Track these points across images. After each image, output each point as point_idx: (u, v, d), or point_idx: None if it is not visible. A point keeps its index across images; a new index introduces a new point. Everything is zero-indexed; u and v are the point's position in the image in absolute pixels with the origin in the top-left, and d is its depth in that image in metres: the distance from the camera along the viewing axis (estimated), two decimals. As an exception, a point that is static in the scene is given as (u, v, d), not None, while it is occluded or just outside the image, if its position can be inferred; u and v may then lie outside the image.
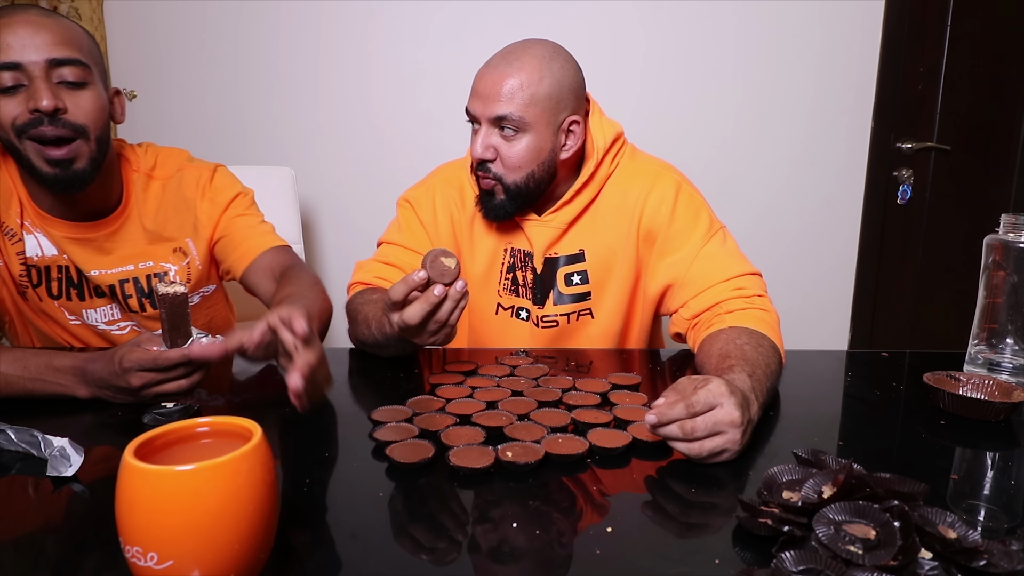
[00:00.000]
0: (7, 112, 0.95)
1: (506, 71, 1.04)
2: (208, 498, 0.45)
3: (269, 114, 2.00)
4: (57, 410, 0.85)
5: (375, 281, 1.15)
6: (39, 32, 0.94)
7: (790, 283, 2.16)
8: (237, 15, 1.93)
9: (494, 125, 1.06)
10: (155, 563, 0.44)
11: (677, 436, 0.70)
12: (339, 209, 2.06)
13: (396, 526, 0.60)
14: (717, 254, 1.11)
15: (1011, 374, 0.94)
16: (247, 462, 0.47)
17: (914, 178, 2.17)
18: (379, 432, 0.76)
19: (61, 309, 1.11)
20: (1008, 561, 0.51)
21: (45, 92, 0.94)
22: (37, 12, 0.96)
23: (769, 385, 0.85)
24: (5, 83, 0.94)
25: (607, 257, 1.16)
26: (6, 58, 0.93)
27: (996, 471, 0.74)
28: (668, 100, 2.04)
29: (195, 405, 0.85)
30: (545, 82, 1.05)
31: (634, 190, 1.14)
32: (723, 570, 0.54)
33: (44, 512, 0.64)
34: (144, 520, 0.45)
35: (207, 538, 0.45)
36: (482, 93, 1.05)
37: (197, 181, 1.17)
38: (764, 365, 0.86)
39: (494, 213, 1.12)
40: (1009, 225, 0.93)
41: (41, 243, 1.07)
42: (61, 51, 0.95)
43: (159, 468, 0.44)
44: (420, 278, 0.83)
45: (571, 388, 0.91)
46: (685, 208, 1.13)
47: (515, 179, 1.08)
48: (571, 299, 1.18)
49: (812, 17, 2.01)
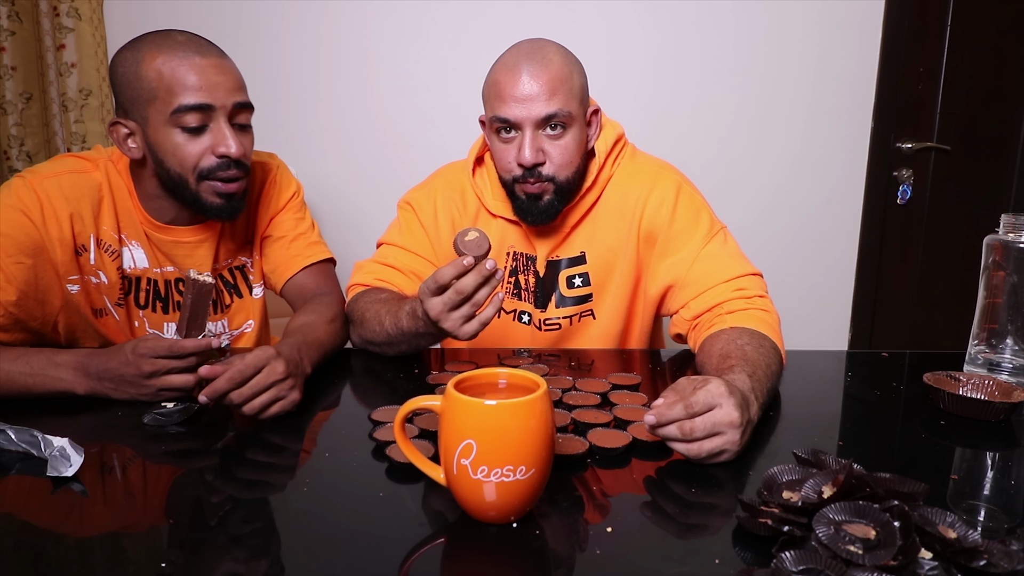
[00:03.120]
0: (192, 153, 0.97)
1: (540, 71, 1.02)
2: (509, 425, 0.57)
3: (269, 115, 1.99)
4: (57, 410, 0.85)
5: (376, 283, 1.15)
6: (225, 74, 0.97)
7: (790, 283, 2.16)
8: (237, 15, 1.93)
9: (540, 127, 1.04)
10: (522, 475, 0.57)
11: (676, 437, 0.70)
12: (339, 209, 2.06)
13: (396, 526, 0.60)
14: (718, 255, 1.11)
15: (1011, 374, 0.94)
16: (540, 403, 0.58)
17: (914, 178, 2.17)
18: (379, 432, 0.76)
19: (144, 319, 1.11)
20: (1008, 561, 0.51)
21: (234, 139, 0.97)
22: (217, 51, 0.99)
23: (769, 386, 0.85)
24: (192, 123, 0.95)
25: (608, 259, 1.15)
26: (200, 99, 0.95)
27: (996, 471, 0.74)
28: (668, 100, 2.04)
29: (194, 405, 0.85)
30: (575, 74, 1.06)
31: (634, 191, 1.14)
32: (723, 570, 0.54)
33: (44, 512, 0.64)
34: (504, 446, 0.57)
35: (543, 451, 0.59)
36: (522, 96, 1.02)
37: (264, 178, 1.19)
38: (765, 366, 0.86)
39: (545, 215, 1.10)
40: (1009, 225, 0.93)
41: (135, 255, 1.08)
42: (242, 95, 1.00)
43: (479, 400, 0.57)
44: (468, 263, 0.85)
45: (571, 388, 0.91)
46: (686, 209, 1.13)
47: (567, 175, 1.08)
48: (573, 301, 1.17)
49: (812, 17, 2.01)
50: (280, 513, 0.63)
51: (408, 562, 0.55)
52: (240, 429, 0.81)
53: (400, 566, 0.54)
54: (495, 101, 1.05)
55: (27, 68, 1.84)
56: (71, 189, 1.00)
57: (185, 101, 0.94)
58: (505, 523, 0.60)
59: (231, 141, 0.97)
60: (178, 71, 0.94)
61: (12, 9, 1.80)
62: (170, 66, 0.94)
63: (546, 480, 0.61)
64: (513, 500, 0.58)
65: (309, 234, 1.22)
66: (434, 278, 0.87)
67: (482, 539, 0.58)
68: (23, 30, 1.82)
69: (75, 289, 1.02)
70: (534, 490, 0.59)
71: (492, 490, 0.57)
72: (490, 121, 1.07)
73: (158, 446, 0.77)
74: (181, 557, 0.55)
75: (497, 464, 0.56)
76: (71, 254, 1.00)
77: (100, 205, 1.04)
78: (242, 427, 0.82)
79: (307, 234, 1.22)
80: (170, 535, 0.58)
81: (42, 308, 0.99)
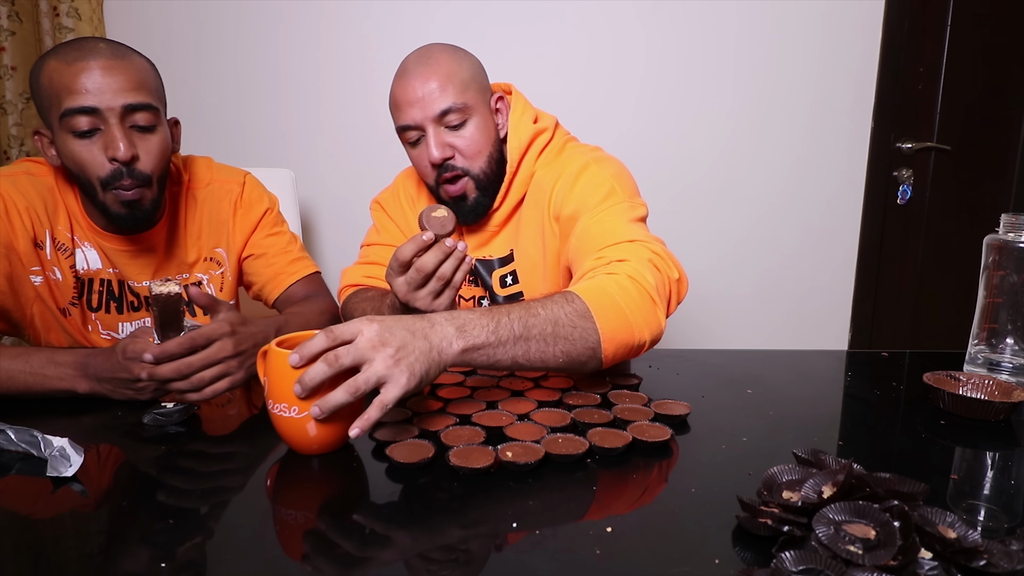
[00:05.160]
0: (86, 159, 0.97)
1: (427, 70, 1.04)
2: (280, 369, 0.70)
3: (269, 116, 2.00)
4: (57, 410, 0.85)
5: (363, 281, 1.18)
6: (114, 75, 0.95)
7: (790, 283, 2.17)
8: (237, 16, 1.93)
9: (439, 123, 1.06)
10: (295, 414, 0.70)
11: (324, 374, 0.66)
12: (339, 210, 2.06)
13: (396, 526, 0.60)
14: (603, 222, 0.99)
15: (1011, 374, 0.94)
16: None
17: (914, 178, 2.17)
18: (379, 432, 0.76)
19: (97, 322, 1.13)
20: (1008, 561, 0.51)
21: (122, 140, 0.96)
22: (111, 52, 0.97)
23: (507, 321, 0.75)
24: (82, 127, 0.95)
25: (532, 253, 1.15)
26: (83, 102, 0.94)
27: (996, 471, 0.74)
28: (667, 101, 2.04)
29: (194, 405, 0.85)
30: (464, 65, 1.07)
31: (548, 179, 1.11)
32: (723, 570, 0.54)
33: (44, 512, 0.64)
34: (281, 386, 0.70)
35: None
36: (414, 99, 1.04)
37: (228, 195, 1.19)
38: (520, 309, 0.77)
39: (473, 214, 1.12)
40: (1009, 225, 0.93)
41: (88, 256, 1.10)
42: (135, 96, 0.97)
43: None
44: (428, 238, 0.85)
45: (571, 388, 0.91)
46: (587, 183, 1.06)
47: (480, 165, 1.09)
48: (507, 300, 1.18)
49: (812, 17, 2.01)
50: (280, 513, 0.63)
51: (409, 563, 0.55)
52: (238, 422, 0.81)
53: (401, 566, 0.54)
54: (395, 112, 1.08)
55: (27, 68, 1.84)
56: (27, 188, 1.04)
57: (69, 105, 0.94)
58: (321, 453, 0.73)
59: (119, 143, 0.95)
60: (64, 75, 0.94)
61: (12, 9, 1.80)
62: (59, 71, 0.94)
63: (342, 425, 0.70)
64: (290, 434, 0.71)
65: (291, 250, 1.24)
66: (395, 256, 0.86)
67: (482, 539, 0.58)
68: (23, 30, 1.82)
69: (38, 281, 1.05)
70: (306, 430, 0.70)
71: (279, 423, 0.71)
72: (398, 133, 1.09)
73: (158, 446, 0.77)
74: (181, 557, 0.55)
75: (278, 400, 0.70)
76: (31, 245, 1.04)
77: (55, 206, 1.07)
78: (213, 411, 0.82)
79: (288, 250, 1.23)
80: (170, 535, 0.58)
81: (16, 299, 1.04)
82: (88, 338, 1.13)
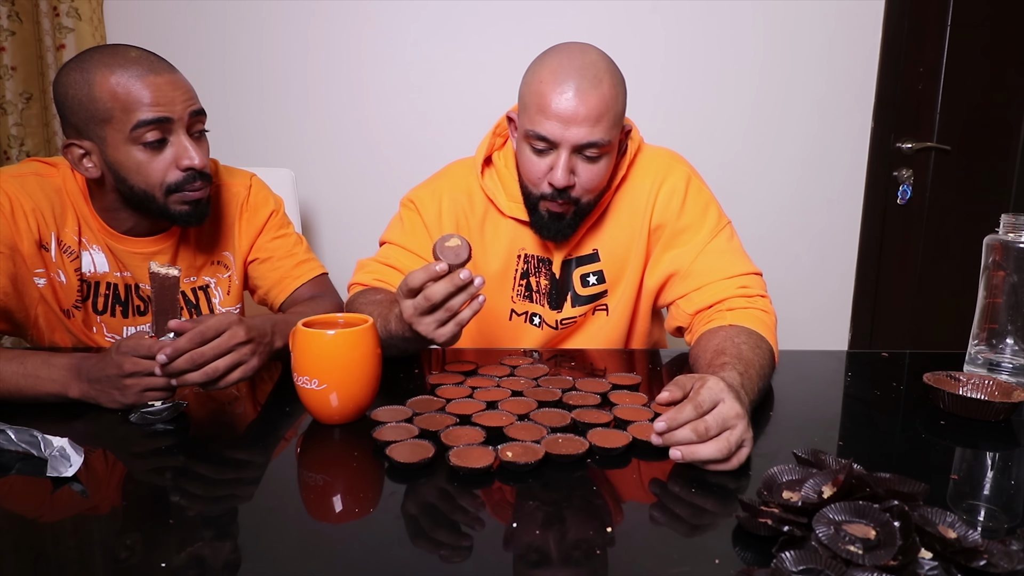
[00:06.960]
0: (156, 170, 0.99)
1: (590, 92, 0.97)
2: (346, 351, 0.80)
3: (269, 116, 2.00)
4: (57, 410, 0.85)
5: (375, 283, 1.14)
6: (178, 88, 0.99)
7: (790, 283, 2.16)
8: (237, 16, 1.93)
9: (576, 150, 1.01)
10: (315, 386, 0.79)
11: (690, 439, 0.69)
12: (339, 210, 2.06)
13: (396, 526, 0.60)
14: (723, 250, 1.11)
15: (1011, 374, 0.94)
16: (368, 333, 0.82)
17: (914, 178, 2.17)
18: (379, 432, 0.76)
19: (102, 325, 1.12)
20: (1008, 561, 0.51)
21: (196, 151, 0.99)
22: (169, 67, 1.00)
23: (760, 386, 0.86)
24: (150, 139, 0.97)
25: (621, 254, 1.15)
26: (155, 114, 0.96)
27: (996, 471, 0.74)
28: (667, 101, 2.04)
29: (183, 404, 0.85)
30: (620, 99, 1.02)
31: (646, 185, 1.14)
32: (723, 570, 0.54)
33: (44, 512, 0.64)
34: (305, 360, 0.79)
35: (344, 373, 0.80)
36: (566, 117, 0.98)
37: (235, 197, 1.20)
38: (758, 366, 0.87)
39: (562, 235, 1.10)
40: (1009, 225, 0.93)
41: (95, 259, 1.10)
42: (197, 102, 1.01)
43: (320, 331, 0.79)
44: (441, 269, 0.82)
45: (571, 388, 0.91)
46: (695, 201, 1.13)
47: (591, 199, 1.08)
48: (588, 300, 1.18)
49: (812, 17, 2.01)
50: (280, 513, 0.63)
51: (409, 563, 0.55)
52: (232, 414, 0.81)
53: (401, 567, 0.54)
54: (535, 113, 1.00)
55: (27, 68, 1.84)
56: (34, 189, 1.04)
57: (143, 117, 0.95)
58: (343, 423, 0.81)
59: (193, 153, 0.99)
60: (133, 89, 0.95)
61: (12, 9, 1.80)
62: (124, 86, 0.95)
63: (357, 398, 0.80)
64: (313, 405, 0.80)
65: (296, 252, 1.23)
66: (405, 281, 0.84)
67: (482, 539, 0.58)
68: (23, 30, 1.82)
69: (42, 283, 1.05)
70: (328, 400, 0.79)
71: (304, 395, 0.80)
72: (524, 131, 1.03)
73: (158, 446, 0.77)
74: (182, 557, 0.55)
75: (301, 373, 0.79)
76: (36, 247, 1.04)
77: (62, 208, 1.07)
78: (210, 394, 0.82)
79: (294, 253, 1.23)
80: (170, 535, 0.58)
81: (21, 299, 1.04)
82: (92, 339, 1.12)
